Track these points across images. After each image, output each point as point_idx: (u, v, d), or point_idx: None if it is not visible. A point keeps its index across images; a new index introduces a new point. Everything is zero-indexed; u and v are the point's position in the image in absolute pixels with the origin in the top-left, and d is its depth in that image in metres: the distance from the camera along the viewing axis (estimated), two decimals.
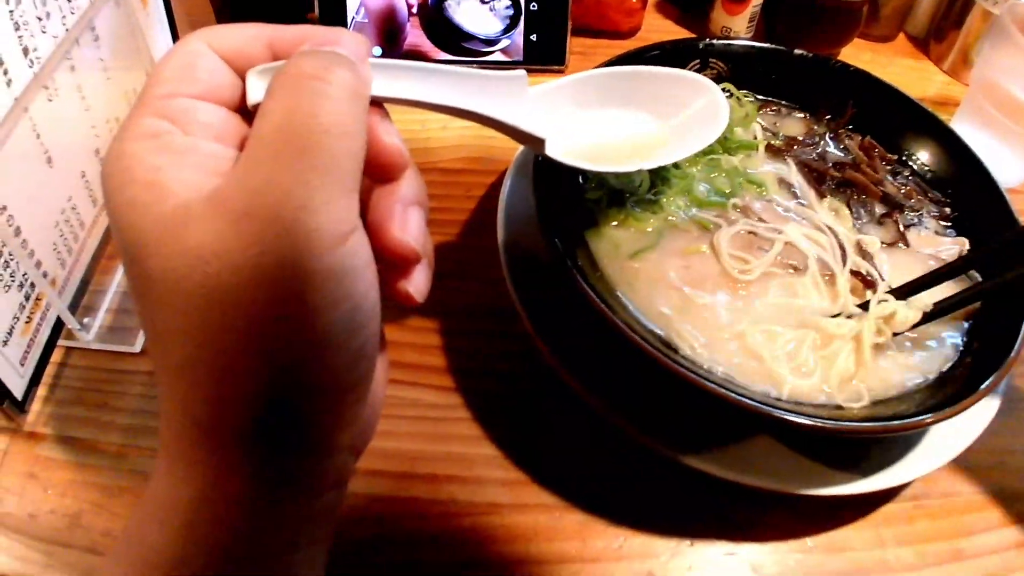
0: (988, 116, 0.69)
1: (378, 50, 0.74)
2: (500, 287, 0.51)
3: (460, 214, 0.63)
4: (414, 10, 0.73)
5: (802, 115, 0.63)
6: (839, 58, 0.80)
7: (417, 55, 0.75)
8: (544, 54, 0.76)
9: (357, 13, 0.72)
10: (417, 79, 0.33)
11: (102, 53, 0.51)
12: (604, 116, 0.44)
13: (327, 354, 0.25)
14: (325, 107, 0.25)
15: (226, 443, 0.25)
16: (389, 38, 0.74)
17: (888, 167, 0.60)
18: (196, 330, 0.24)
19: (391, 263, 0.30)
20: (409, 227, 0.29)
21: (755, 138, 0.59)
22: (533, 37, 0.75)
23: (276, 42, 0.29)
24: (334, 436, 0.27)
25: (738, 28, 0.80)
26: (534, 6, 0.74)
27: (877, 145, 0.61)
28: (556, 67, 0.76)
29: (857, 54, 0.86)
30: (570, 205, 0.51)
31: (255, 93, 0.28)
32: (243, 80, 0.29)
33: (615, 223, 0.51)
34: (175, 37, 0.71)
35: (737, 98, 0.60)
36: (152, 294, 0.24)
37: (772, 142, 0.59)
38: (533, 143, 0.37)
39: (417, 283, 0.30)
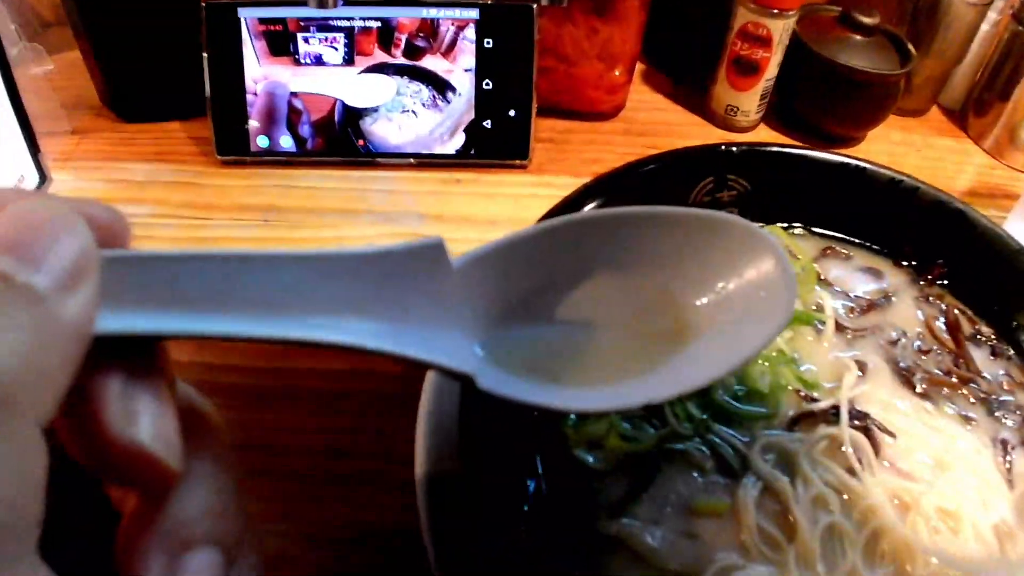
0: None
1: (289, 140, 0.57)
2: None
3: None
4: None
5: (867, 261, 0.45)
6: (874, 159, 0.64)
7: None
8: (502, 145, 0.58)
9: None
10: (216, 280, 0.17)
11: None
12: (584, 291, 0.27)
13: None
14: None
15: None
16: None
17: (987, 343, 0.42)
18: None
19: None
20: None
21: (816, 308, 0.40)
22: (487, 123, 0.58)
23: None
24: None
25: (747, 107, 0.64)
26: (488, 84, 0.57)
27: (962, 321, 0.43)
28: (518, 161, 0.59)
29: (886, 133, 0.71)
30: (522, 416, 0.34)
31: None
32: None
33: (587, 444, 0.33)
34: (29, 139, 0.53)
35: (788, 249, 0.42)
36: None
37: (839, 320, 0.40)
38: (456, 379, 0.21)
39: None
